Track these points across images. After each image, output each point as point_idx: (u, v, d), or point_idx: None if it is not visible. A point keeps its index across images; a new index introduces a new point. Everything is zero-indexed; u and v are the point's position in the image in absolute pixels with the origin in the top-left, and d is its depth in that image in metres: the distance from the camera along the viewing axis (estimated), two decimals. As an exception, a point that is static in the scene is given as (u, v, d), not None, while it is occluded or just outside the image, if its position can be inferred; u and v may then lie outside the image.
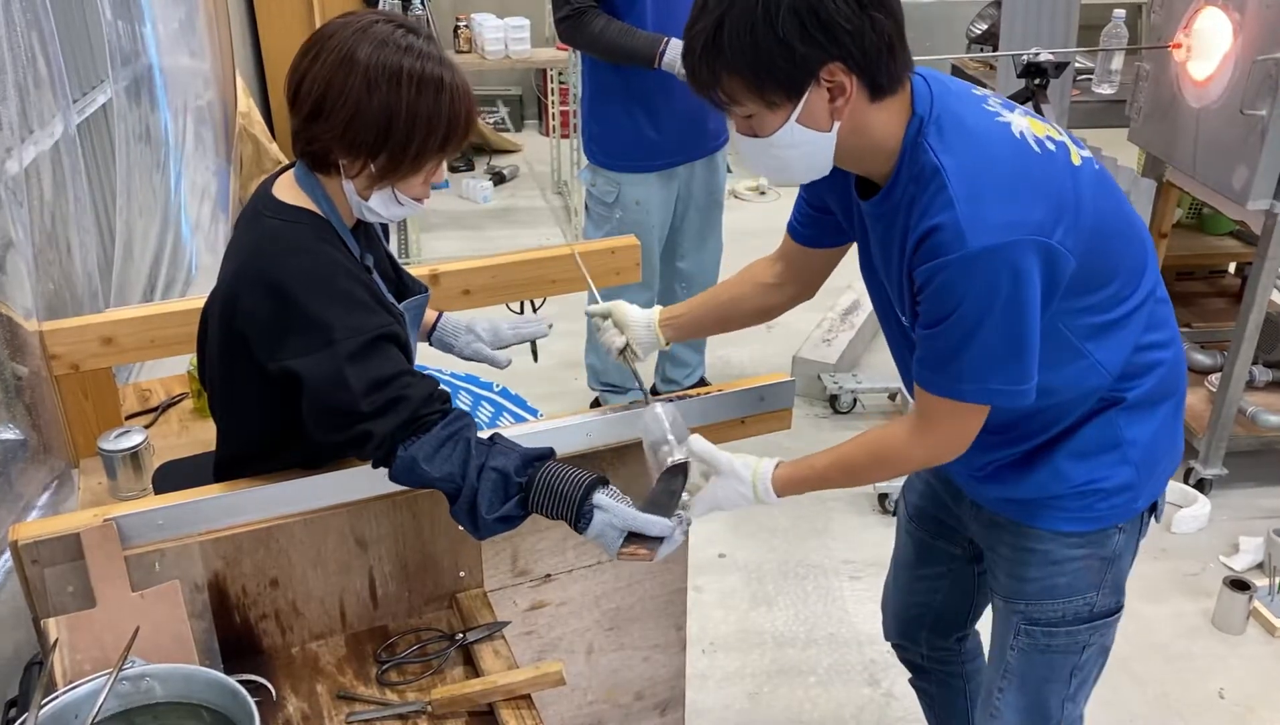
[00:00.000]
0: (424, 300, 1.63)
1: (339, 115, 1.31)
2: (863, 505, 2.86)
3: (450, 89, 1.33)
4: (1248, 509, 2.83)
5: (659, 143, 2.73)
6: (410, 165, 1.35)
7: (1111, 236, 1.30)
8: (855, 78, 1.19)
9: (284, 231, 1.39)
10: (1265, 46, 2.41)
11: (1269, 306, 3.19)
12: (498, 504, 1.35)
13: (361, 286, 1.39)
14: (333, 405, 1.34)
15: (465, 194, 5.05)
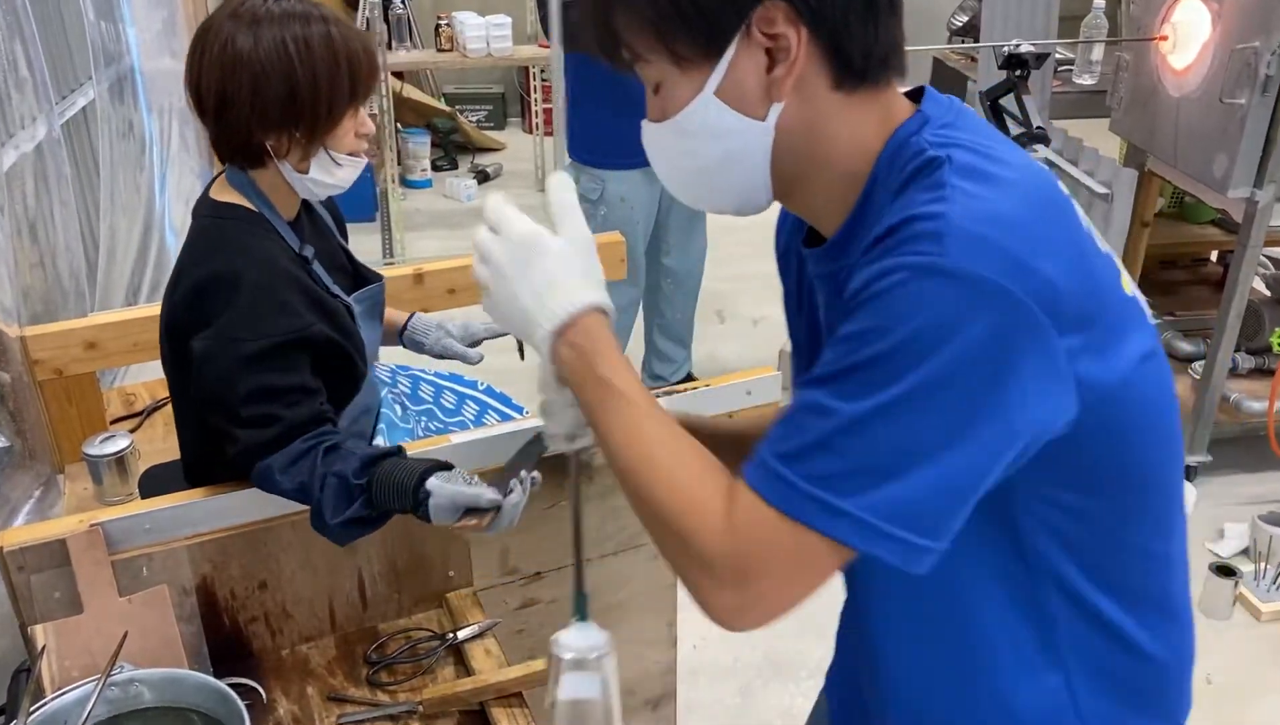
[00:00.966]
0: (377, 290, 1.63)
1: (242, 102, 1.33)
2: (851, 498, 2.87)
3: (338, 39, 1.35)
4: (1233, 495, 2.85)
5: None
6: (328, 122, 1.37)
7: (1146, 430, 0.85)
8: (806, 34, 0.79)
9: (213, 228, 1.42)
10: (1244, 35, 2.42)
11: (1251, 294, 3.22)
12: (342, 508, 1.33)
13: (291, 281, 1.39)
14: (214, 396, 1.35)
15: (449, 193, 5.04)
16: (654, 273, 3.10)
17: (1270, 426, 2.75)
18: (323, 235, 1.61)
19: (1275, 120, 2.45)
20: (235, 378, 1.34)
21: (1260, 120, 2.44)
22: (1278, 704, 2.23)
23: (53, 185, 2.22)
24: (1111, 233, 2.52)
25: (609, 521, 1.83)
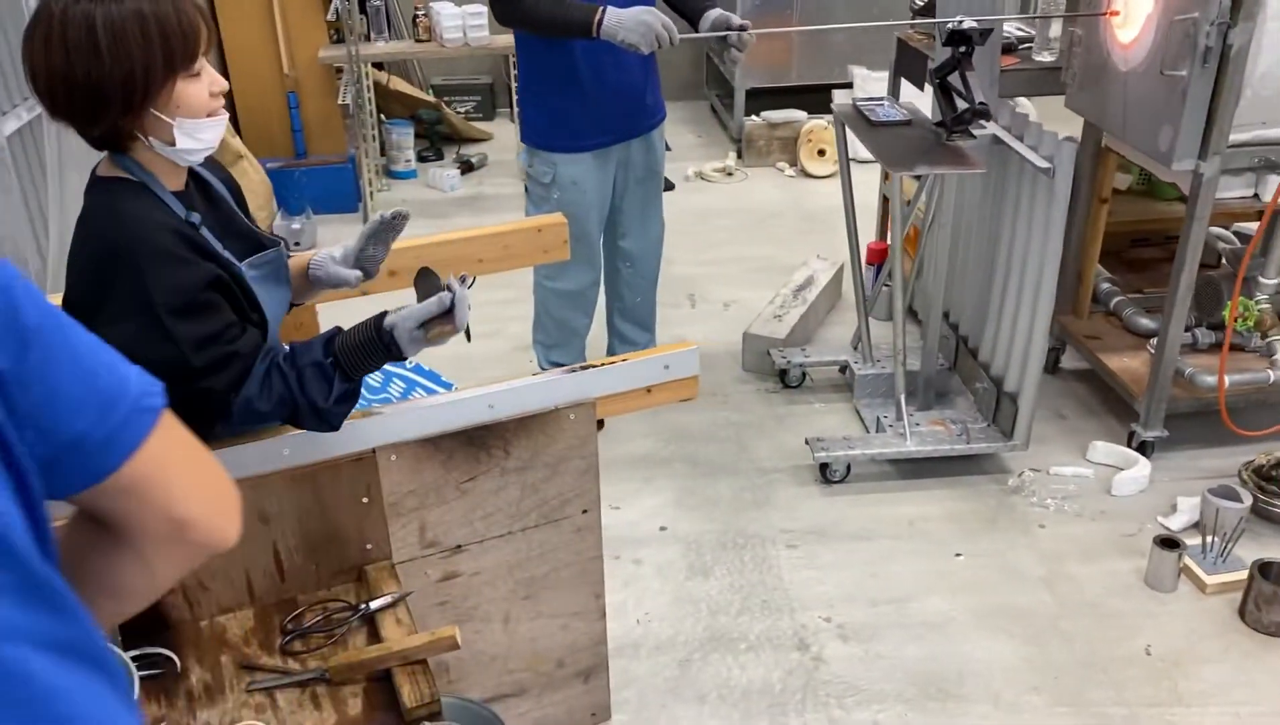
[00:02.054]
0: (274, 255, 1.65)
1: (75, 100, 1.37)
2: (804, 476, 2.89)
3: (148, 14, 1.36)
4: (1189, 470, 2.85)
5: (592, 122, 2.74)
6: (160, 96, 1.39)
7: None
8: None
9: (100, 205, 1.47)
10: (1184, 7, 2.42)
11: (1217, 269, 3.21)
12: (327, 389, 1.48)
13: (184, 242, 1.43)
14: (166, 366, 1.38)
15: (432, 183, 5.07)
16: (612, 257, 3.12)
17: (1222, 400, 2.74)
18: (216, 204, 1.64)
19: (1217, 92, 2.43)
20: (175, 338, 1.40)
21: (1201, 92, 2.43)
22: (1213, 674, 2.23)
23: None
24: (1055, 207, 2.52)
25: (527, 496, 1.86)
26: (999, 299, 2.86)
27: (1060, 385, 3.29)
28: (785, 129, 5.12)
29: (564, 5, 2.56)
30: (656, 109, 2.90)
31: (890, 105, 2.88)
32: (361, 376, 1.53)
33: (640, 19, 2.49)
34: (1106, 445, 2.90)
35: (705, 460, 2.98)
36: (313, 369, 1.48)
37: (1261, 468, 2.72)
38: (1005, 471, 2.87)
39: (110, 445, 0.86)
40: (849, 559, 2.59)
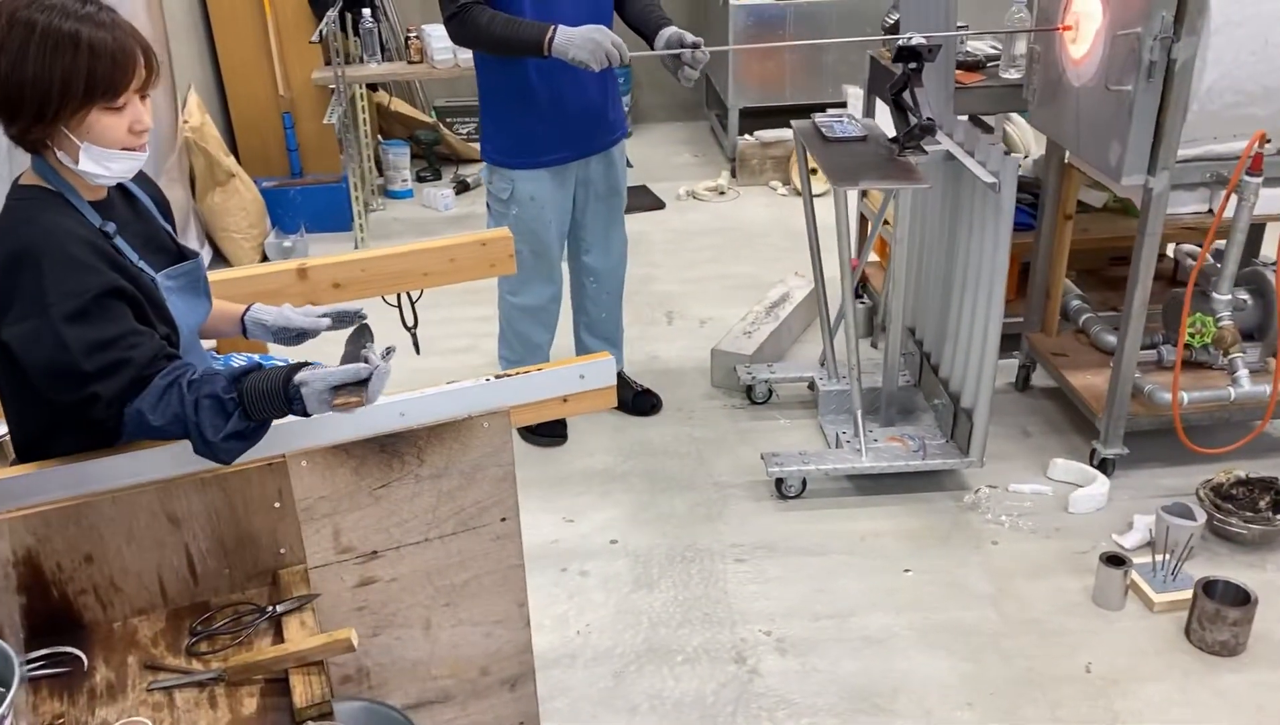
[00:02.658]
0: (192, 266, 1.70)
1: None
2: (761, 492, 2.89)
3: (85, 39, 1.42)
4: (1150, 488, 2.82)
5: (549, 139, 2.78)
6: (69, 119, 1.44)
7: None
8: None
9: (9, 208, 1.52)
10: (1128, 21, 2.42)
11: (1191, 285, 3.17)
12: (221, 424, 1.47)
13: (90, 249, 1.47)
14: (55, 368, 1.43)
15: (427, 202, 5.14)
16: (577, 272, 3.15)
17: (1176, 417, 2.71)
18: (139, 216, 1.69)
19: (1163, 107, 2.43)
20: (65, 341, 1.43)
21: (1148, 106, 2.43)
22: (1152, 693, 2.20)
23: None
24: (1001, 221, 2.52)
25: (443, 503, 1.88)
26: (956, 314, 2.85)
27: (1029, 402, 3.27)
28: (778, 148, 5.14)
29: (516, 25, 2.60)
30: (617, 126, 2.93)
31: (848, 122, 2.89)
32: (262, 420, 1.51)
33: (590, 37, 2.53)
34: (1066, 462, 2.88)
35: (663, 475, 2.99)
36: (212, 400, 1.46)
37: (1220, 486, 2.69)
38: (964, 488, 2.86)
39: None
40: (796, 574, 2.59)
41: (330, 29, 4.14)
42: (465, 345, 3.63)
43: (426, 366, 2.34)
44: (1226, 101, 2.45)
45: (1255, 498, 2.67)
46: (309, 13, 4.55)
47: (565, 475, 3.00)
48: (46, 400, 1.53)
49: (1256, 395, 2.77)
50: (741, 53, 5.16)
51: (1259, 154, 2.45)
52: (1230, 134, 2.51)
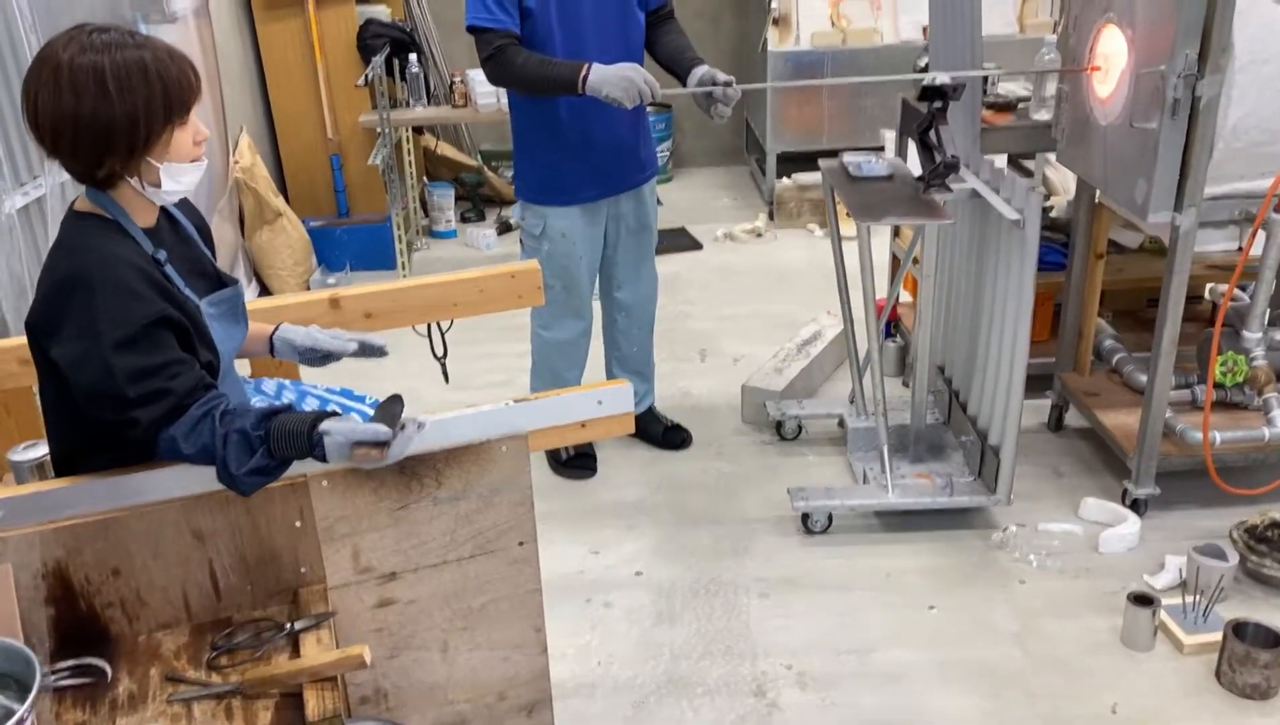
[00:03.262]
0: (232, 294, 1.76)
1: (75, 140, 1.48)
2: (787, 527, 2.89)
3: (150, 65, 1.49)
4: (1183, 529, 2.77)
5: (581, 177, 2.85)
6: (158, 143, 1.52)
7: None
8: None
9: (67, 234, 1.58)
10: (1152, 59, 2.43)
11: (1223, 324, 3.14)
12: (245, 459, 1.52)
13: (142, 277, 1.53)
14: (100, 391, 1.48)
15: (470, 242, 5.24)
16: (609, 308, 3.20)
17: (1208, 457, 2.67)
18: (184, 242, 1.76)
19: (1189, 144, 2.43)
20: (111, 367, 1.49)
21: (1173, 144, 2.43)
22: (1179, 735, 2.16)
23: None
24: (1026, 258, 2.52)
25: (461, 526, 1.92)
26: (983, 351, 2.85)
27: (1062, 442, 3.24)
28: (815, 191, 5.17)
29: (551, 64, 2.68)
30: (648, 164, 2.99)
31: (876, 161, 2.92)
32: (284, 459, 1.57)
33: (624, 75, 2.59)
34: (1098, 502, 2.84)
35: (691, 509, 3.00)
36: (240, 435, 1.52)
37: (1255, 528, 2.64)
38: (992, 527, 2.83)
39: None
40: (820, 609, 2.58)
41: (376, 74, 4.27)
42: (502, 380, 3.69)
43: (463, 399, 2.38)
44: (1252, 139, 2.45)
45: (1291, 540, 2.62)
46: (358, 58, 4.70)
47: (593, 508, 3.02)
48: (87, 418, 1.59)
49: (1293, 436, 2.73)
50: (780, 99, 5.23)
51: (1287, 191, 2.44)
52: (1257, 171, 2.51)
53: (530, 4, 2.68)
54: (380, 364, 2.15)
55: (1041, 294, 3.34)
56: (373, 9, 4.94)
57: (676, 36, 2.88)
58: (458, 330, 2.40)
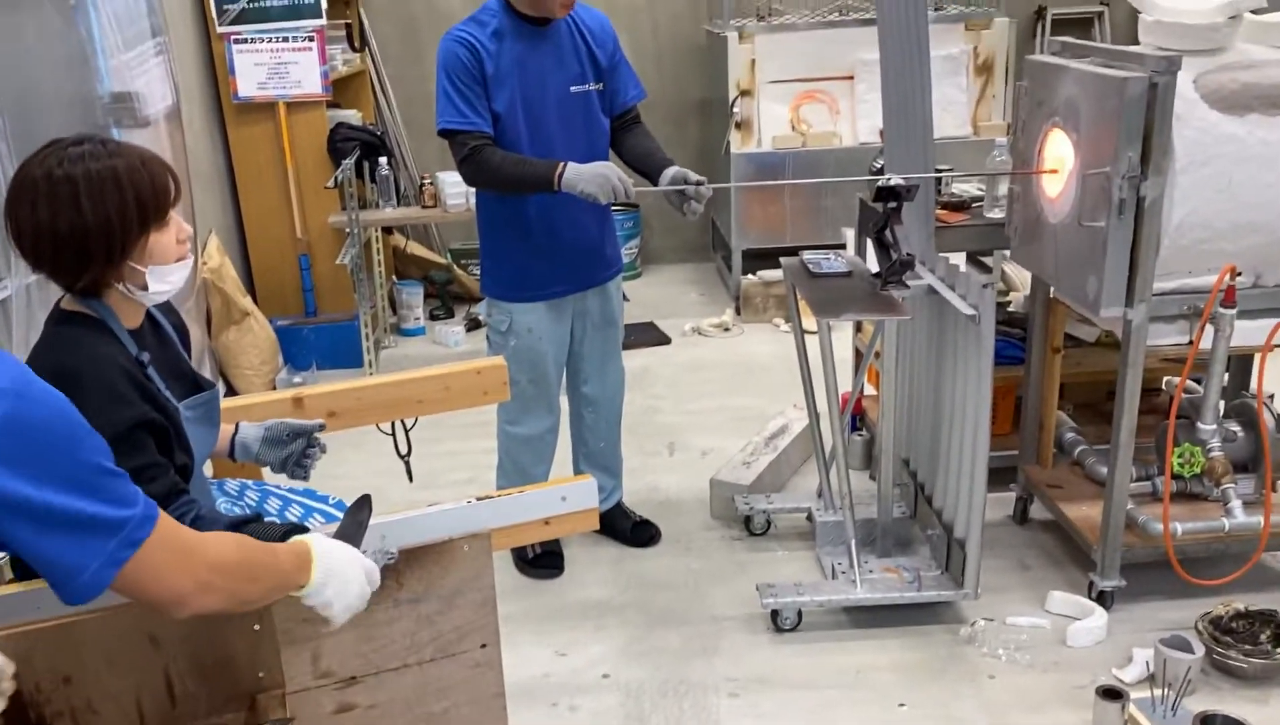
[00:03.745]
0: (210, 398, 1.76)
1: (56, 256, 1.51)
2: (757, 624, 2.87)
3: (123, 173, 1.51)
4: (1149, 621, 2.77)
5: (546, 274, 2.89)
6: (135, 251, 1.54)
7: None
8: None
9: (56, 334, 1.58)
10: (1097, 161, 2.52)
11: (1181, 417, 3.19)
12: None
13: (128, 379, 1.54)
14: None
15: (438, 339, 5.27)
16: (576, 403, 3.21)
17: (1169, 548, 2.70)
18: (165, 344, 1.78)
19: (1136, 242, 2.50)
20: None
21: (1121, 242, 2.50)
22: (1153, 833, 2.13)
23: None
24: (983, 353, 2.57)
25: (422, 628, 1.89)
26: (945, 445, 2.88)
27: (1027, 535, 3.25)
28: (779, 286, 5.25)
29: (527, 163, 2.74)
30: (614, 261, 3.04)
31: (835, 259, 2.99)
32: None
33: (599, 172, 2.66)
34: (1064, 595, 2.85)
35: (659, 607, 2.97)
36: None
37: (1219, 619, 2.65)
38: (960, 621, 2.83)
39: (87, 588, 1.19)
40: (790, 709, 2.55)
41: (346, 175, 4.34)
42: (467, 477, 3.67)
43: (428, 498, 2.37)
44: (1196, 237, 2.53)
45: (1255, 631, 2.63)
46: (328, 160, 4.78)
47: (560, 608, 2.99)
48: None
49: (1251, 526, 2.76)
50: (744, 198, 5.35)
51: (1231, 287, 2.51)
52: (1204, 268, 2.59)
53: (499, 108, 2.75)
54: (344, 462, 2.16)
55: (1002, 387, 3.39)
56: (343, 113, 5.05)
57: (645, 139, 2.97)
58: (423, 427, 2.40)
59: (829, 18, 5.42)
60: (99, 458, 1.20)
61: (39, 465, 1.14)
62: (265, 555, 1.42)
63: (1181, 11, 2.66)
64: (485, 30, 2.75)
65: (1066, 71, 2.66)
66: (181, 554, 1.28)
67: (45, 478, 1.14)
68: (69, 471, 1.16)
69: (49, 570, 1.20)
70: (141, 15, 3.63)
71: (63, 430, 1.16)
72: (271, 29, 4.63)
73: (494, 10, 2.78)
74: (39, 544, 1.17)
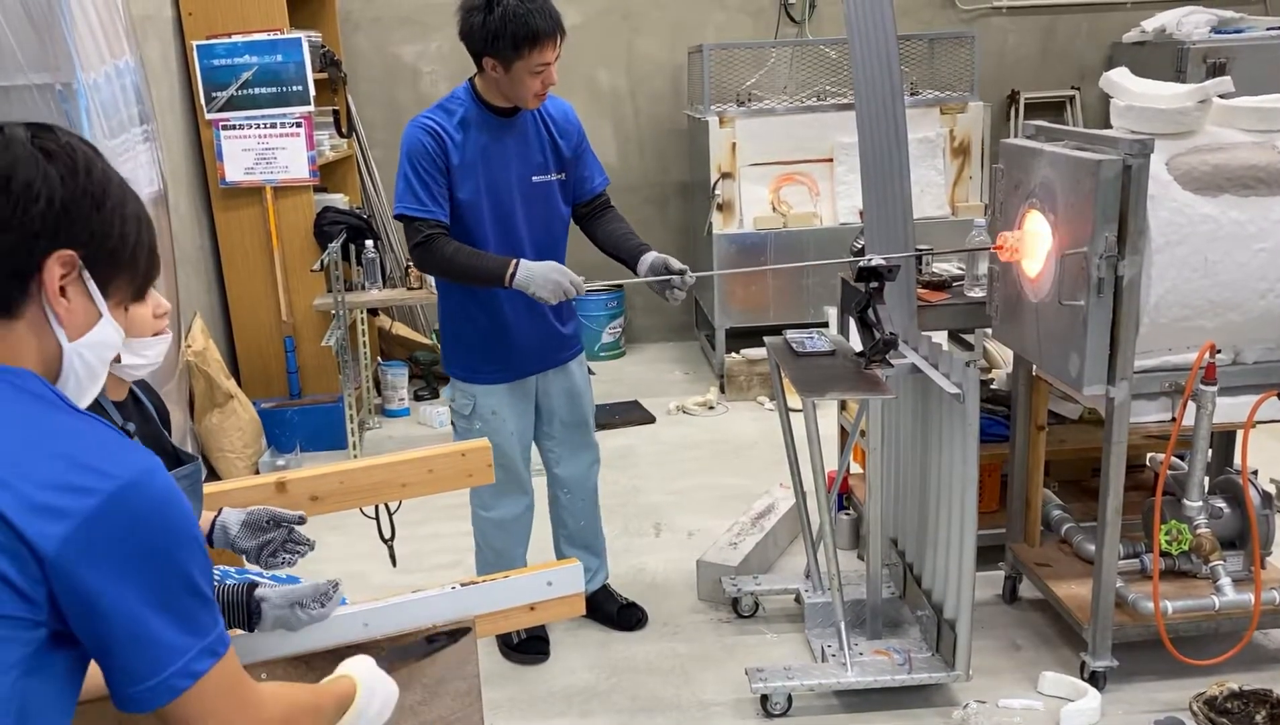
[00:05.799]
0: (191, 470, 1.75)
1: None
2: (746, 709, 2.81)
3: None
4: (1143, 702, 2.74)
5: (505, 356, 2.93)
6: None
7: None
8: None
9: None
10: (1075, 242, 2.56)
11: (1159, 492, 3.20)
12: None
13: None
14: None
15: (423, 420, 5.25)
16: (551, 485, 3.20)
17: (1161, 627, 2.68)
18: (146, 420, 1.77)
19: (1116, 320, 2.53)
20: None
21: (1101, 320, 2.53)
22: None
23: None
24: (968, 431, 2.57)
25: (405, 720, 1.83)
26: (933, 524, 2.87)
27: (1017, 614, 3.22)
28: (763, 365, 5.27)
29: (480, 256, 2.76)
30: (573, 341, 3.06)
31: (818, 338, 3.01)
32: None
33: (549, 277, 2.69)
34: (1056, 676, 2.82)
35: (648, 693, 2.92)
36: None
37: (1214, 699, 2.62)
38: (952, 703, 2.78)
39: (141, 700, 1.11)
40: (781, 797, 2.49)
41: (332, 258, 4.37)
42: (451, 561, 3.63)
43: (412, 583, 2.33)
44: (1175, 315, 2.56)
45: (1250, 711, 2.59)
46: (314, 243, 4.81)
47: (545, 695, 2.93)
48: None
49: (1242, 603, 2.74)
50: (727, 278, 5.40)
51: (1211, 363, 2.54)
52: (1184, 345, 2.62)
53: (463, 196, 2.79)
54: (326, 545, 2.12)
55: (988, 465, 3.40)
56: (330, 197, 5.10)
57: (618, 224, 3.00)
58: (406, 509, 2.37)
59: (807, 102, 5.54)
60: (194, 574, 1.13)
61: (122, 564, 1.07)
62: (310, 698, 1.38)
63: (1153, 96, 2.73)
64: (452, 119, 2.80)
65: (1042, 154, 2.72)
66: (238, 704, 1.18)
67: (127, 579, 1.07)
68: (156, 579, 1.09)
69: (105, 663, 1.12)
70: (130, 102, 3.67)
71: (164, 537, 1.10)
72: (259, 115, 4.69)
73: (461, 99, 2.82)
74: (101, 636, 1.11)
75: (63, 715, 1.15)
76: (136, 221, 1.24)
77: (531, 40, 2.63)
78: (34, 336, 1.16)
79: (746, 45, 5.71)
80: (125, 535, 1.07)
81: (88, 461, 1.07)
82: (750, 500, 3.92)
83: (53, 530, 1.03)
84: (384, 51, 5.98)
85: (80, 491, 1.05)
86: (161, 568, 1.10)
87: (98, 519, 1.05)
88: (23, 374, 1.15)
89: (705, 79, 5.42)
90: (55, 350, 1.18)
